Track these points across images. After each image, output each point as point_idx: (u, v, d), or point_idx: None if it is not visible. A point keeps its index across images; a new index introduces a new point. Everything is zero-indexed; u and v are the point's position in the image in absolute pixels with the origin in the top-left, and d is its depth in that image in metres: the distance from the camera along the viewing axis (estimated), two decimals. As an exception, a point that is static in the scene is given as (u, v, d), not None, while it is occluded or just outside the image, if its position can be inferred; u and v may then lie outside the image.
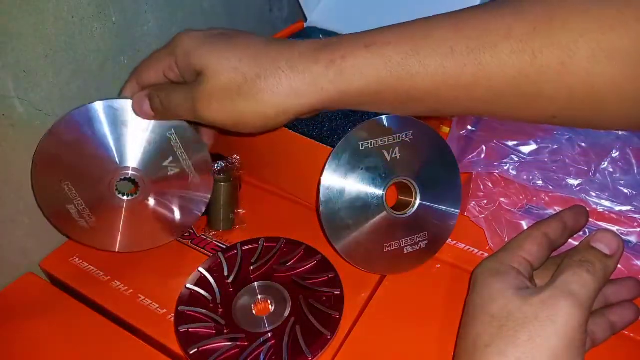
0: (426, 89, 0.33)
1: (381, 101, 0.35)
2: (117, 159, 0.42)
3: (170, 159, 0.43)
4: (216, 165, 0.48)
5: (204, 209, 0.47)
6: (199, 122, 0.38)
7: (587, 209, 0.39)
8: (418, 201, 0.43)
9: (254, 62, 0.34)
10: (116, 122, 0.41)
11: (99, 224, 0.44)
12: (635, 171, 0.47)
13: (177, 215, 0.46)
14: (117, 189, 0.43)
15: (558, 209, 0.47)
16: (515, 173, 0.48)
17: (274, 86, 0.33)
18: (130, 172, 0.42)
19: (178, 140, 0.42)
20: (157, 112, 0.39)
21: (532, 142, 0.51)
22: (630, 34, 0.28)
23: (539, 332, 0.28)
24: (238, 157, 0.50)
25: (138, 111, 0.40)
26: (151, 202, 0.44)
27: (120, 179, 0.43)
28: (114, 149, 0.41)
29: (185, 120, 0.40)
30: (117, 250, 0.45)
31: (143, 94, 0.39)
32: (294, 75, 0.33)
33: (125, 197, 0.43)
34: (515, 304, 0.30)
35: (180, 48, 0.36)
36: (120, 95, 0.41)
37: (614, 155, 0.48)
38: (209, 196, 0.46)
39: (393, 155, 0.41)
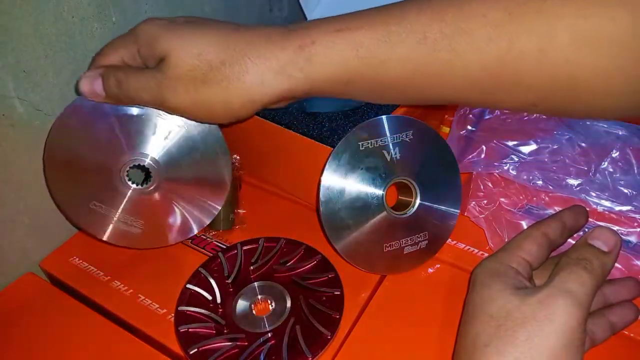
0: (398, 77, 0.31)
1: (354, 90, 0.33)
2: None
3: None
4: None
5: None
6: (163, 110, 0.36)
7: (587, 209, 0.39)
8: (418, 201, 0.43)
9: (219, 49, 0.32)
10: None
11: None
12: (635, 171, 0.47)
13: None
14: (128, 176, 0.42)
15: (558, 209, 0.47)
16: (515, 173, 0.48)
17: (239, 73, 0.32)
18: (147, 160, 0.41)
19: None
20: (111, 94, 0.36)
21: (532, 142, 0.51)
22: (615, 19, 0.26)
23: (537, 332, 0.28)
24: (238, 157, 0.50)
25: (86, 90, 0.36)
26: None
27: (136, 165, 0.42)
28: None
29: (148, 106, 0.38)
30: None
31: (97, 71, 0.36)
32: (260, 62, 0.31)
33: (132, 185, 0.42)
34: (513, 304, 0.30)
35: (144, 35, 0.34)
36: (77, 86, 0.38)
37: (614, 155, 0.48)
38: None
39: (393, 155, 0.41)
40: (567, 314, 0.29)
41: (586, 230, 0.42)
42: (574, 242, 0.37)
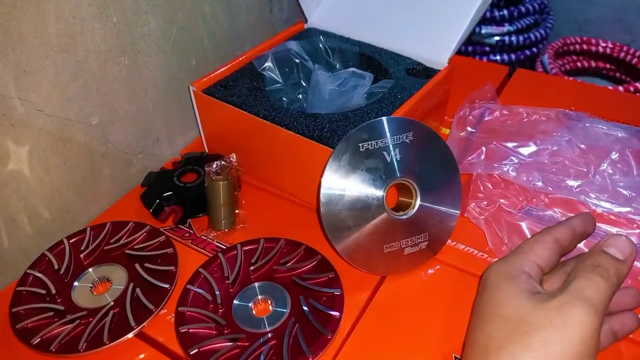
0: None
1: None
2: None
3: None
4: (214, 165, 0.49)
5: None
6: None
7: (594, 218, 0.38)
8: (418, 202, 0.43)
9: None
10: None
11: None
12: (635, 173, 0.47)
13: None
14: None
15: (558, 210, 0.47)
16: (514, 174, 0.48)
17: None
18: None
19: None
20: None
21: (531, 144, 0.51)
22: None
23: (553, 338, 0.28)
24: (235, 157, 0.50)
25: None
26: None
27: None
28: None
29: None
30: None
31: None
32: None
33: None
34: (528, 308, 0.30)
35: None
36: None
37: (613, 157, 0.48)
38: None
39: (393, 157, 0.42)
40: (584, 321, 0.28)
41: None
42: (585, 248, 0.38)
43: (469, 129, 0.55)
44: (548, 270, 0.35)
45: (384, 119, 0.41)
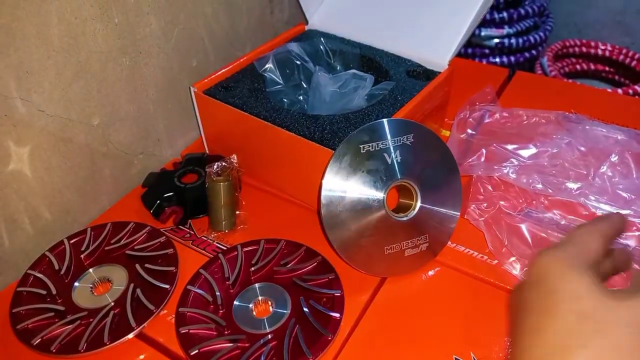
0: None
1: None
2: None
3: None
4: (215, 166, 0.49)
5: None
6: None
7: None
8: (419, 204, 0.43)
9: None
10: None
11: None
12: (634, 175, 0.47)
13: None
14: None
15: (557, 212, 0.47)
16: (514, 176, 0.49)
17: None
18: None
19: None
20: None
21: (531, 146, 0.51)
22: None
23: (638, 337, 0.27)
24: (236, 158, 0.50)
25: None
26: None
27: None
28: None
29: None
30: None
31: None
32: None
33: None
34: (609, 305, 0.28)
35: None
36: None
37: (613, 160, 0.48)
38: None
39: (394, 158, 0.42)
40: None
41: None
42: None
43: (469, 131, 0.55)
44: (597, 266, 0.33)
45: (385, 120, 0.42)
